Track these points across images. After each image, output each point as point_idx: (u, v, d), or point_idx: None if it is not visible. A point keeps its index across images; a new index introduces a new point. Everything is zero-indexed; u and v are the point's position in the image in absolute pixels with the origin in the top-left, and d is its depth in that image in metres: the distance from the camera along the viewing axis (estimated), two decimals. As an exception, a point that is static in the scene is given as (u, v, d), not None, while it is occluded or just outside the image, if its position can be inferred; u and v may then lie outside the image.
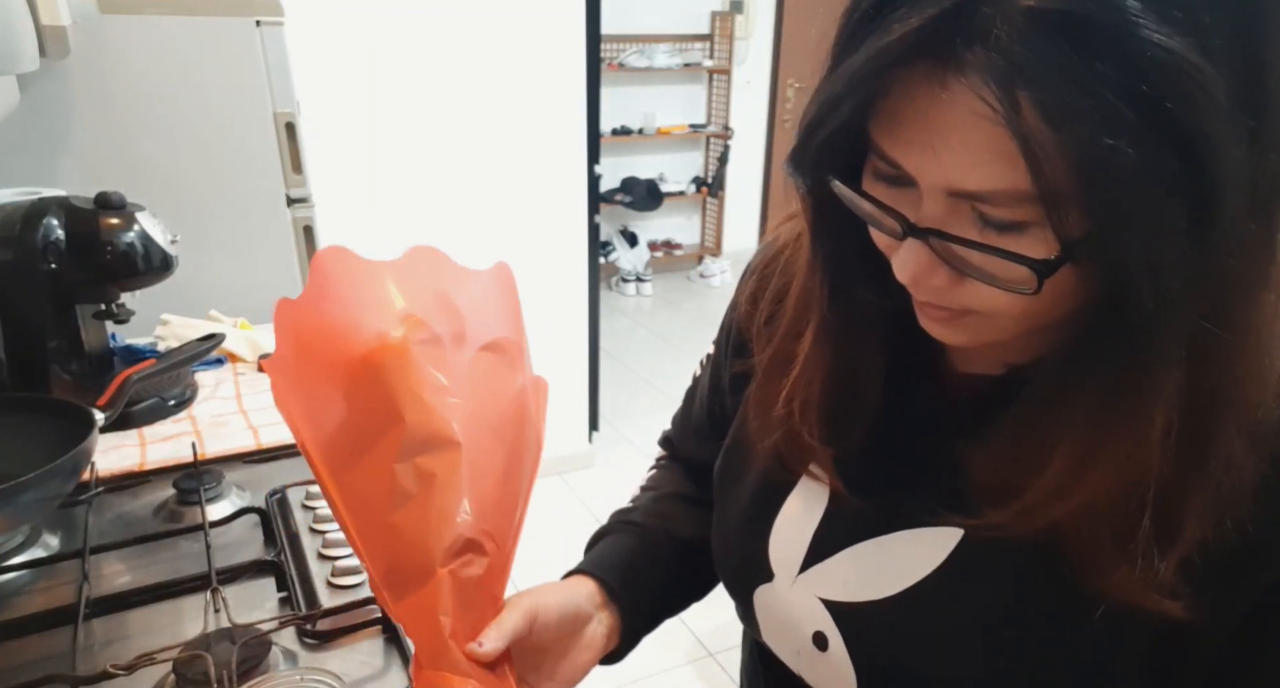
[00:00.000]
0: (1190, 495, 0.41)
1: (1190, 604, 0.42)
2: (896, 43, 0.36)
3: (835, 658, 0.55)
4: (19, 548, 0.90)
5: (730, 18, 4.95)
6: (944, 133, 0.37)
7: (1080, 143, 0.33)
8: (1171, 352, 0.38)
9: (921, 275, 0.42)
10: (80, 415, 0.93)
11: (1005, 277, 0.39)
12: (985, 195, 0.38)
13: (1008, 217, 0.38)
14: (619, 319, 4.57)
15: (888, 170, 0.42)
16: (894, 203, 0.42)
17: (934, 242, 0.40)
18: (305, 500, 1.00)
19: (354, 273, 0.61)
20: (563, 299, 2.74)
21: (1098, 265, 0.37)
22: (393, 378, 0.56)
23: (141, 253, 1.17)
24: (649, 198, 5.07)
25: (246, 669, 0.71)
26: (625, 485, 0.79)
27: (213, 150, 1.59)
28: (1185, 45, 0.32)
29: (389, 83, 2.27)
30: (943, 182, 0.39)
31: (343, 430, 0.58)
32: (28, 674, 0.71)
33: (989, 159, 0.36)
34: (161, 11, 1.49)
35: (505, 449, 0.59)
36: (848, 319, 0.52)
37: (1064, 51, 0.33)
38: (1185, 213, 0.34)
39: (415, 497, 0.55)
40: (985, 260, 0.39)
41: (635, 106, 4.96)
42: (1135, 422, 0.40)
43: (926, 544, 0.51)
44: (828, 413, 0.54)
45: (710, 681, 2.04)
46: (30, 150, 1.47)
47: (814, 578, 0.56)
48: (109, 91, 1.49)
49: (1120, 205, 0.34)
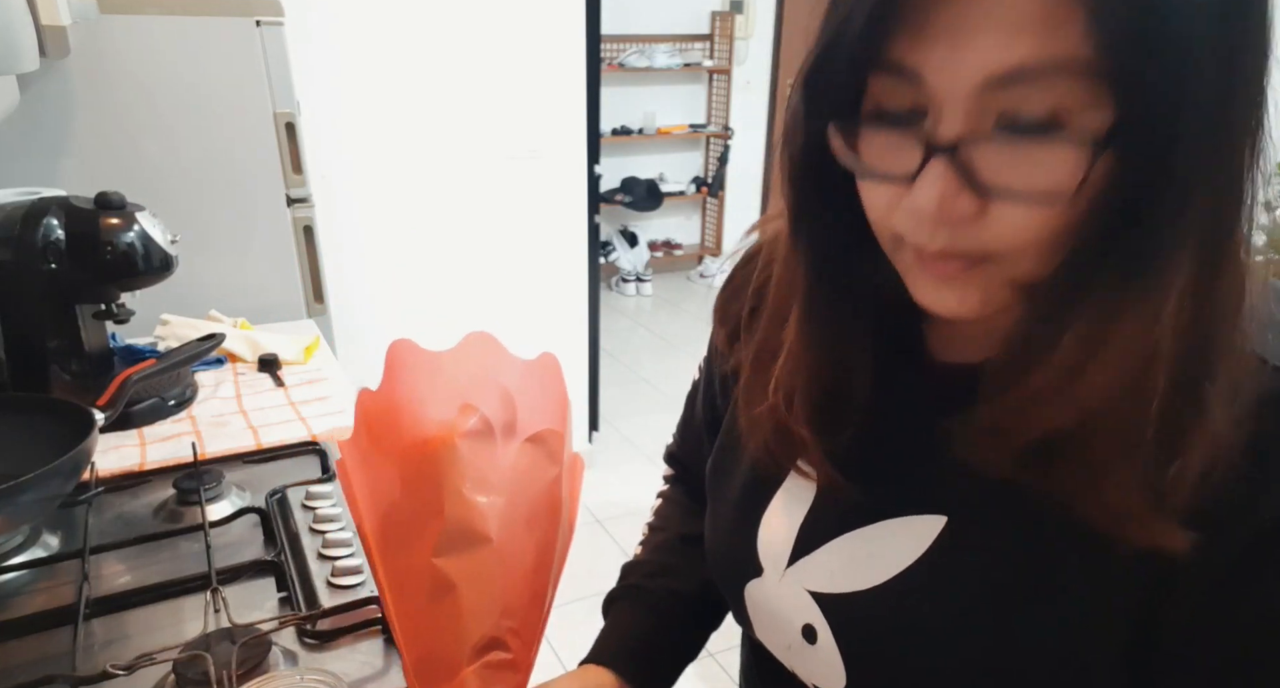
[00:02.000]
0: (1194, 414, 0.40)
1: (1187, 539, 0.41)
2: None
3: (824, 650, 0.55)
4: (19, 548, 0.90)
5: (730, 18, 4.95)
6: (973, 11, 0.36)
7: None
8: (1181, 235, 0.37)
9: (946, 203, 0.39)
10: (80, 415, 0.93)
11: (1041, 183, 0.37)
12: (1028, 71, 0.35)
13: (1045, 106, 0.36)
14: (619, 319, 4.57)
15: (897, 100, 0.40)
16: (904, 138, 0.40)
17: (960, 157, 0.38)
18: (305, 501, 1.00)
19: (419, 364, 0.66)
20: (563, 299, 2.74)
21: (1128, 151, 0.36)
22: (441, 469, 0.60)
23: (141, 253, 1.17)
24: (649, 198, 5.07)
25: (246, 670, 0.71)
26: (625, 486, 0.79)
27: (213, 150, 1.59)
28: None
29: (389, 83, 2.28)
30: (971, 71, 0.37)
31: (395, 515, 0.62)
32: (28, 674, 0.71)
33: (1035, 24, 0.35)
34: (161, 11, 1.49)
35: (536, 541, 0.63)
36: (831, 305, 0.51)
37: None
38: (1215, 72, 0.35)
39: (449, 592, 0.59)
40: (1019, 162, 0.37)
41: (635, 106, 4.96)
42: (1146, 305, 0.39)
43: (910, 533, 0.51)
44: (815, 402, 0.54)
45: (710, 681, 2.04)
46: (30, 150, 1.47)
47: (801, 571, 0.56)
48: (109, 91, 1.49)
49: (1166, 58, 0.34)
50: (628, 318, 4.64)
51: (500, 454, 0.62)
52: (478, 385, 0.65)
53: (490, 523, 0.59)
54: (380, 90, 2.27)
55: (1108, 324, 0.40)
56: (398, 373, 0.65)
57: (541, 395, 0.68)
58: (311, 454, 1.13)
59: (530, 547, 0.63)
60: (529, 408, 0.66)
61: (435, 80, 2.32)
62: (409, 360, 0.66)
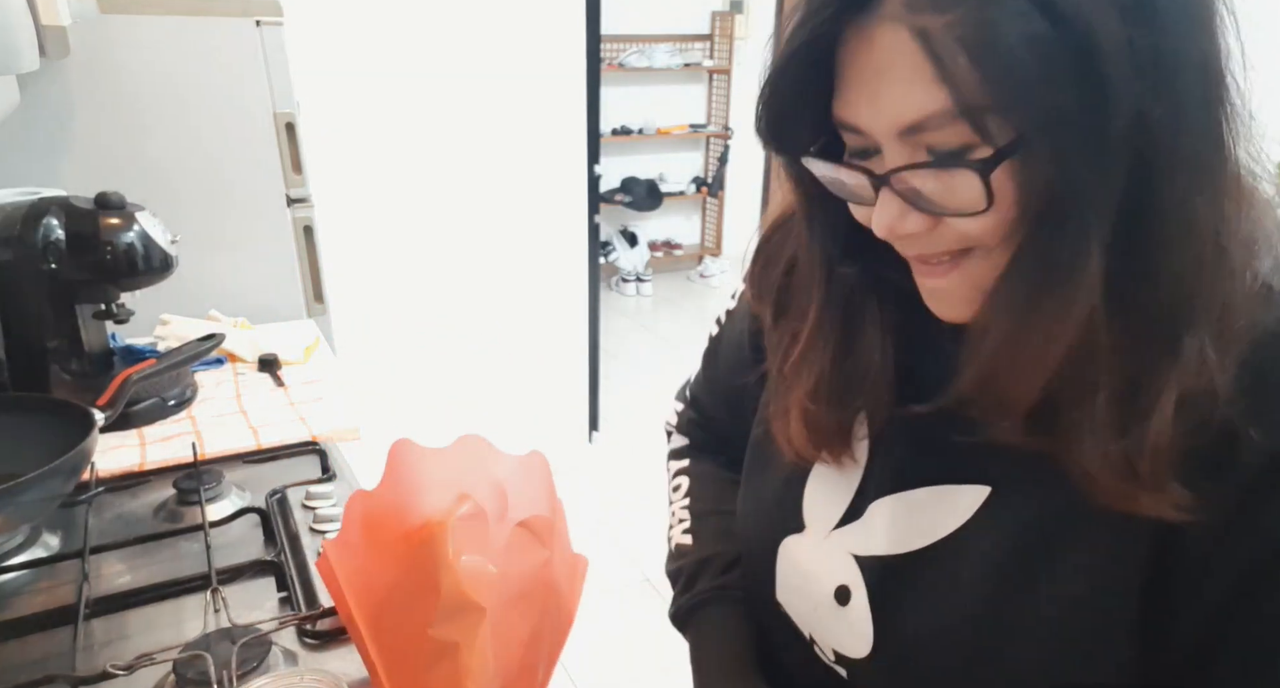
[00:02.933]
0: (1151, 377, 0.43)
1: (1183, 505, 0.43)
2: (822, 6, 0.43)
3: (855, 612, 0.56)
4: (19, 548, 0.90)
5: (730, 18, 4.95)
6: (878, 73, 0.43)
7: (970, 27, 0.38)
8: (1084, 224, 0.41)
9: (895, 224, 0.46)
10: (80, 415, 0.93)
11: (964, 200, 0.43)
12: (925, 122, 0.42)
13: (951, 140, 0.42)
14: (619, 319, 4.57)
15: (856, 142, 0.47)
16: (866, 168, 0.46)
17: (897, 185, 0.45)
18: (305, 501, 1.00)
19: (418, 461, 0.71)
20: (563, 299, 2.74)
21: (1028, 165, 0.41)
22: (437, 549, 0.64)
23: (141, 253, 1.17)
24: (649, 198, 5.07)
25: (246, 670, 0.71)
26: (625, 486, 0.79)
27: (213, 150, 1.59)
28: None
29: (389, 82, 2.28)
30: (889, 122, 0.43)
31: (391, 596, 0.67)
32: (28, 674, 0.71)
33: (920, 84, 0.41)
34: (161, 11, 1.49)
35: (530, 617, 0.67)
36: (848, 295, 0.54)
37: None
38: (1078, 95, 0.38)
39: (449, 654, 0.63)
40: (942, 190, 0.43)
41: (635, 106, 4.96)
42: (1059, 304, 0.42)
43: (954, 501, 0.53)
44: (839, 392, 0.56)
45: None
46: (30, 150, 1.47)
47: (848, 534, 0.57)
48: (109, 91, 1.49)
49: (1018, 91, 0.39)
50: (628, 318, 4.64)
51: (493, 535, 0.66)
52: (471, 478, 0.70)
53: (484, 593, 0.63)
54: (380, 90, 2.27)
55: (1026, 315, 0.44)
56: (399, 471, 0.71)
57: (531, 488, 0.73)
58: (311, 454, 1.13)
59: (524, 621, 0.67)
60: (519, 497, 0.70)
61: (435, 80, 2.32)
62: (408, 458, 0.72)
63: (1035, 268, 0.43)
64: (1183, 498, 0.43)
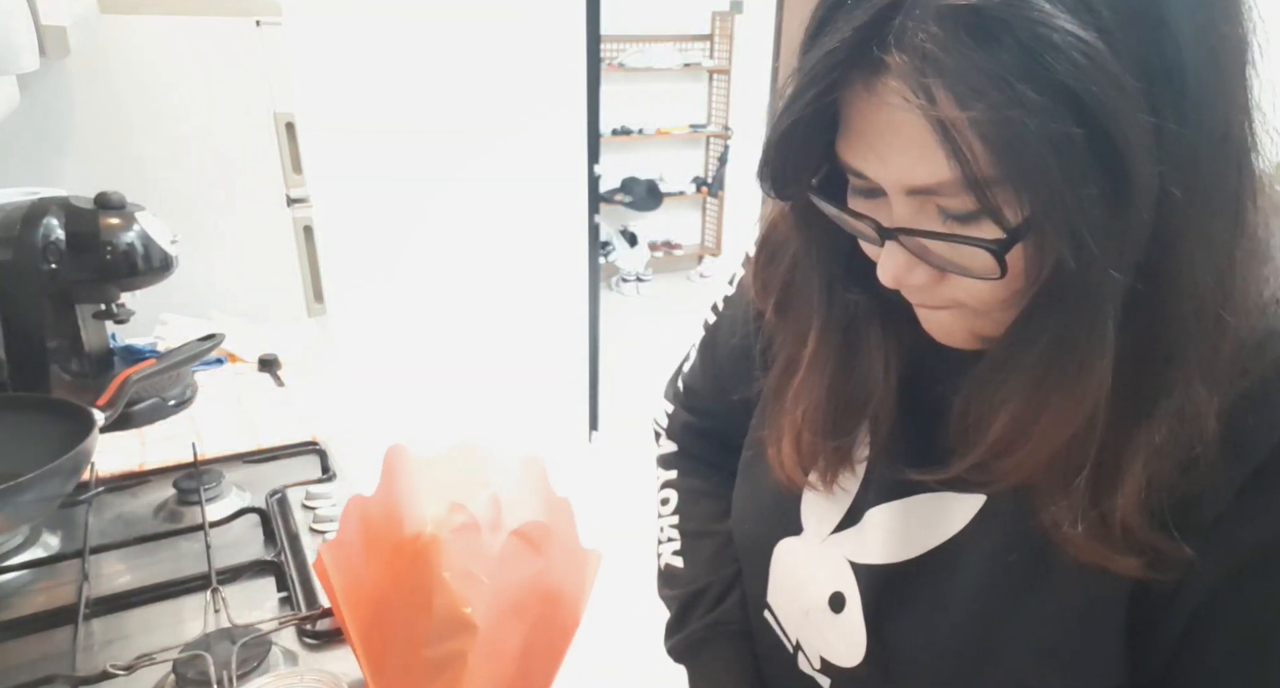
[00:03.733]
0: (1131, 449, 0.43)
1: (1158, 560, 0.43)
2: (824, 58, 0.40)
3: (849, 620, 0.56)
4: (19, 548, 0.90)
5: (730, 18, 4.95)
6: (884, 135, 0.41)
7: (988, 122, 0.36)
8: (1102, 315, 0.40)
9: (901, 275, 0.45)
10: (80, 415, 0.93)
11: (972, 264, 0.42)
12: (935, 188, 0.40)
13: (962, 206, 0.40)
14: (619, 319, 4.57)
15: (861, 183, 0.45)
16: (870, 212, 0.45)
17: (905, 240, 0.43)
18: (305, 501, 1.00)
19: (411, 468, 0.71)
20: (563, 299, 2.74)
21: (1040, 242, 0.39)
22: (430, 565, 0.64)
23: (141, 253, 1.17)
24: (649, 198, 5.07)
25: (246, 670, 0.71)
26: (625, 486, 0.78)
27: (213, 150, 1.59)
28: (1075, 22, 0.35)
29: (389, 82, 2.27)
30: (898, 181, 0.42)
31: (384, 605, 0.67)
32: (28, 674, 0.71)
33: (928, 154, 0.39)
34: (161, 11, 1.49)
35: (525, 626, 0.67)
36: (845, 324, 0.54)
37: (965, 42, 0.36)
38: (1098, 183, 0.37)
39: (440, 678, 0.64)
40: (951, 251, 0.42)
41: (635, 106, 4.95)
42: (1075, 384, 0.42)
43: (950, 509, 0.52)
44: (834, 416, 0.55)
45: (710, 681, 2.04)
46: (30, 150, 1.47)
47: (844, 540, 0.57)
48: (109, 91, 1.49)
49: (1035, 179, 0.37)
50: (628, 318, 4.64)
51: (486, 544, 0.66)
52: (466, 485, 0.70)
53: (477, 608, 0.63)
54: (380, 90, 2.27)
55: (1038, 398, 0.43)
56: (393, 477, 0.71)
57: (527, 493, 0.73)
58: (311, 454, 1.13)
59: (519, 630, 0.67)
60: (515, 503, 0.70)
61: (435, 80, 2.32)
62: (401, 464, 0.72)
63: (1048, 351, 0.42)
64: (1158, 546, 0.43)
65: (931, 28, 0.36)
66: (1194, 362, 0.41)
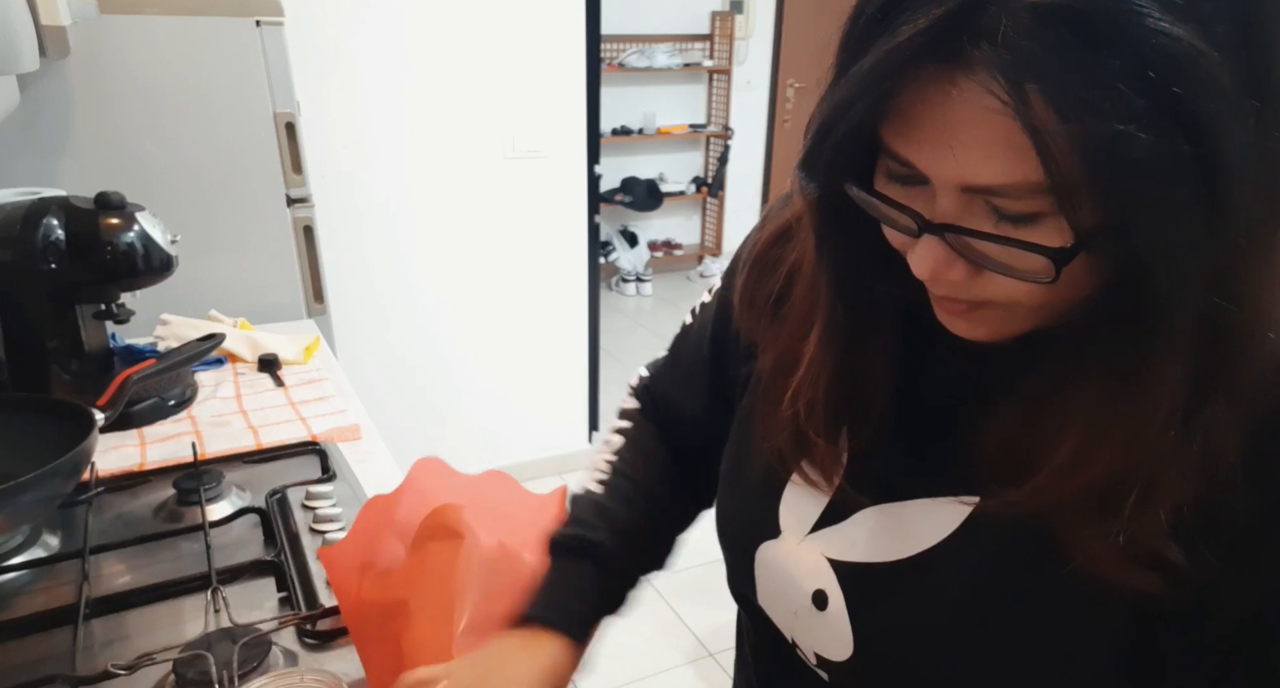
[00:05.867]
0: (1168, 463, 0.42)
1: (1176, 577, 0.42)
2: (905, 44, 0.37)
3: (833, 617, 0.56)
4: (19, 548, 0.90)
5: (730, 18, 4.95)
6: (956, 130, 0.38)
7: (1089, 132, 0.34)
8: (1182, 335, 0.38)
9: (939, 270, 0.43)
10: (80, 415, 0.93)
11: (1022, 267, 0.40)
12: (999, 189, 0.38)
13: (1022, 209, 0.39)
14: (619, 319, 4.57)
15: (900, 170, 0.43)
16: (908, 201, 0.43)
17: (950, 237, 0.41)
18: (305, 501, 1.00)
19: (443, 481, 0.75)
20: (563, 299, 2.74)
21: (1112, 253, 0.38)
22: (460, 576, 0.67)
23: (141, 253, 1.17)
24: (649, 198, 5.07)
25: (247, 669, 0.71)
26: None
27: (213, 150, 1.59)
28: (1189, 32, 0.33)
29: (389, 82, 2.27)
30: (957, 178, 0.40)
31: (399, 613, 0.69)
32: (28, 674, 0.71)
33: (1001, 153, 0.37)
34: (161, 11, 1.49)
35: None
36: (856, 317, 0.52)
37: (1069, 44, 0.34)
38: (1195, 198, 0.35)
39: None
40: (1001, 252, 0.40)
41: (635, 106, 4.95)
42: (1143, 404, 0.40)
43: (940, 513, 0.52)
44: (835, 411, 0.55)
45: (710, 681, 2.04)
46: (30, 150, 1.47)
47: (824, 538, 0.57)
48: (109, 91, 1.49)
49: (1132, 192, 0.35)
50: (628, 318, 4.64)
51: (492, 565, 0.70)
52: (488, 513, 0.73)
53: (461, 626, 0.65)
54: (380, 90, 2.27)
55: (1106, 417, 0.42)
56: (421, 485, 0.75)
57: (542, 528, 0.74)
58: (311, 454, 1.13)
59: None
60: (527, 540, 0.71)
61: (435, 80, 2.32)
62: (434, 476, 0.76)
63: (1118, 373, 0.40)
64: (1179, 561, 0.42)
65: (1030, 23, 0.34)
66: (1235, 381, 0.41)
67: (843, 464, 0.57)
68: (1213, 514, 0.42)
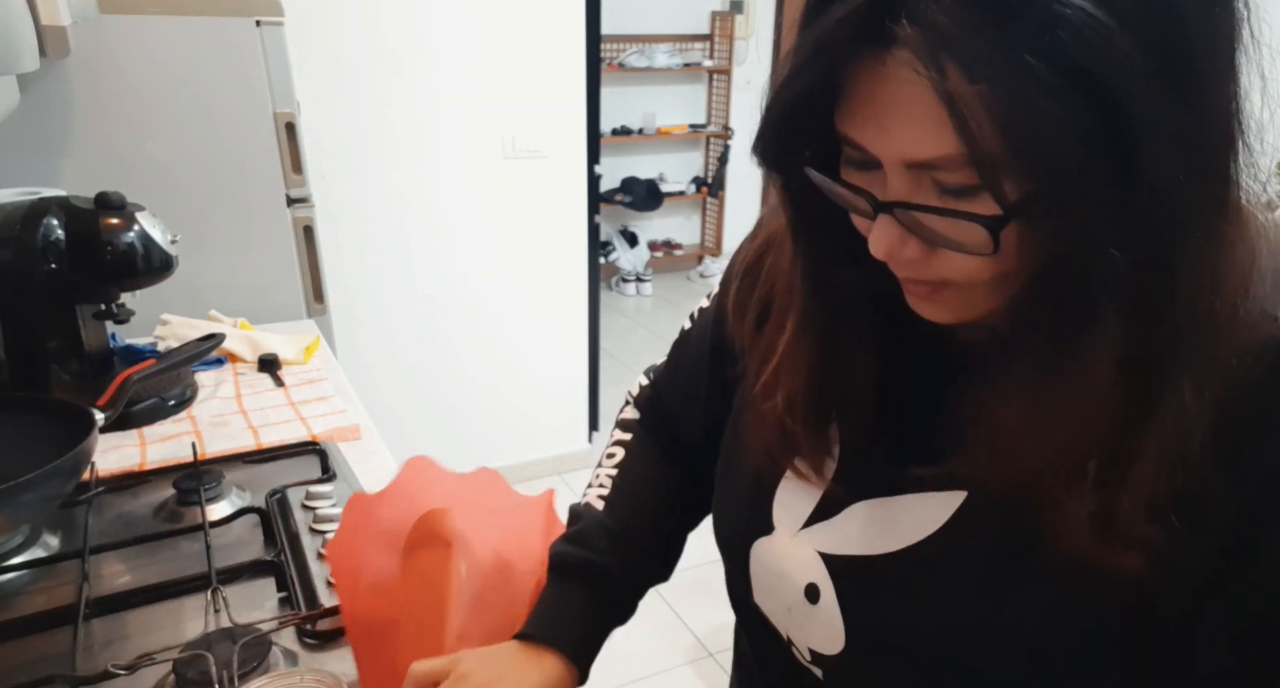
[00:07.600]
0: (1134, 445, 0.42)
1: (1159, 557, 0.43)
2: (833, 28, 0.40)
3: (825, 611, 0.56)
4: (19, 548, 0.90)
5: (730, 18, 4.95)
6: (890, 108, 0.40)
7: (1003, 103, 0.36)
8: (1104, 303, 0.40)
9: (894, 249, 0.44)
10: (80, 415, 0.93)
11: (965, 240, 0.42)
12: (935, 162, 0.40)
13: (960, 181, 0.40)
14: (619, 319, 4.57)
15: (855, 155, 0.45)
16: (865, 185, 0.45)
17: (899, 213, 0.43)
18: (305, 501, 1.00)
19: (432, 481, 0.75)
20: (563, 299, 2.74)
21: (1043, 226, 0.39)
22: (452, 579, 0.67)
23: (141, 253, 1.17)
24: (649, 198, 5.07)
25: (247, 669, 0.71)
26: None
27: (213, 150, 1.59)
28: (1094, 5, 0.35)
29: (389, 82, 2.27)
30: (897, 154, 0.42)
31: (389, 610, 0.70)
32: (28, 674, 0.71)
33: (933, 128, 0.39)
34: (161, 11, 1.49)
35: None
36: (830, 305, 0.53)
37: (983, 19, 0.35)
38: (1109, 168, 0.36)
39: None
40: (946, 225, 0.42)
41: (635, 106, 4.96)
42: (1077, 379, 0.42)
43: (930, 507, 0.52)
44: (813, 404, 0.56)
45: (710, 681, 2.04)
46: (30, 150, 1.47)
47: (816, 533, 0.57)
48: (109, 91, 1.49)
49: (1046, 163, 0.37)
50: (628, 318, 4.64)
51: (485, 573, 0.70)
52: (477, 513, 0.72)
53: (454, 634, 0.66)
54: (380, 90, 2.27)
55: (1040, 394, 0.43)
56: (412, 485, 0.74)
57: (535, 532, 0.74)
58: (311, 454, 1.13)
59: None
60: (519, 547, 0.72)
61: (435, 80, 2.32)
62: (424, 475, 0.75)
63: (1050, 343, 0.42)
64: (1158, 541, 0.43)
65: (945, 1, 0.36)
66: (1195, 362, 0.41)
67: (834, 459, 0.57)
68: (1191, 496, 0.43)
